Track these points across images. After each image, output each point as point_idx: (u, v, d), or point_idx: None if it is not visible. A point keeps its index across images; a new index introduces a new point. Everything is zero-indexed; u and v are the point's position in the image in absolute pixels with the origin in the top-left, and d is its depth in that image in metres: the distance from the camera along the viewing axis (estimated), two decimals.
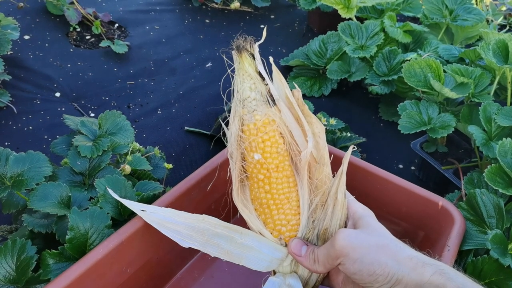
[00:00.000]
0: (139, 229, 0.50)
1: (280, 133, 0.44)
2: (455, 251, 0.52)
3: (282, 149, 0.44)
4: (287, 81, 0.51)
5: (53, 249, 0.49)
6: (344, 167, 0.43)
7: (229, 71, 0.43)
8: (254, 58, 0.42)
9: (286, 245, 0.46)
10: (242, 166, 0.45)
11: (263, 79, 0.43)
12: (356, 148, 0.44)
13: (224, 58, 0.42)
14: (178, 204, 0.56)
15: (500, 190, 0.59)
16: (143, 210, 0.48)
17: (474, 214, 0.60)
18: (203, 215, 0.46)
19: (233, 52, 0.42)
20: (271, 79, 0.44)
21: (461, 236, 0.55)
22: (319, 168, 0.44)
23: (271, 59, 0.45)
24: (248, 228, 0.46)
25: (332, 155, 0.46)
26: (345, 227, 0.44)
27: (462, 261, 0.58)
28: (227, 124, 0.99)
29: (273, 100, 0.43)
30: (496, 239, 0.54)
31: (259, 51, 0.43)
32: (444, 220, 0.57)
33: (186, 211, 0.57)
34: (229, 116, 0.45)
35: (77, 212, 0.50)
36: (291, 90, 0.44)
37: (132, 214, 0.56)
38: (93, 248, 0.48)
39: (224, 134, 0.98)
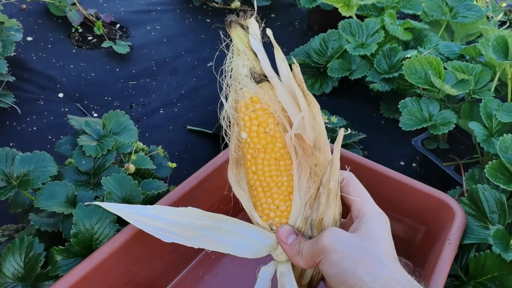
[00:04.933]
0: None
1: (271, 113, 0.41)
2: (456, 245, 0.53)
3: (272, 129, 0.41)
4: None
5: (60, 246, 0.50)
6: (336, 153, 0.39)
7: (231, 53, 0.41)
8: (248, 33, 0.40)
9: None
10: (236, 144, 0.43)
11: (256, 56, 0.40)
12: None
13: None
14: (181, 203, 0.56)
15: (501, 186, 0.60)
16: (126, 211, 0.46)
17: (476, 209, 0.60)
18: (188, 207, 0.45)
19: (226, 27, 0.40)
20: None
21: (462, 229, 0.55)
22: (315, 152, 0.41)
23: (268, 31, 0.41)
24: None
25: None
26: (351, 224, 0.41)
27: (464, 257, 0.59)
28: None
29: (265, 78, 0.40)
30: (498, 234, 0.55)
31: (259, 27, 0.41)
32: (445, 215, 0.57)
33: None
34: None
35: (82, 208, 0.51)
36: (290, 65, 0.41)
37: None
38: (99, 247, 0.48)
39: (227, 133, 0.98)
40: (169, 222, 0.44)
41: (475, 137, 0.71)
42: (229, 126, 0.43)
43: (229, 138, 0.43)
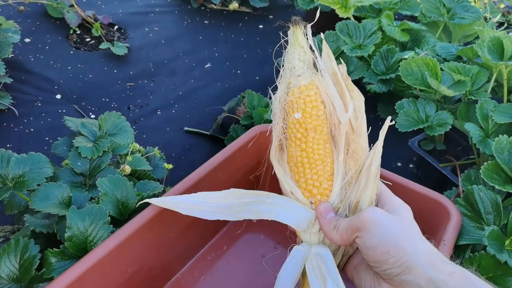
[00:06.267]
0: (138, 229, 0.51)
1: (322, 101, 0.46)
2: (451, 245, 0.53)
3: (322, 115, 0.46)
4: None
5: (55, 248, 0.50)
6: (380, 140, 0.45)
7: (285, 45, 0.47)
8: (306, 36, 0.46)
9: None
10: (283, 127, 0.47)
11: (313, 52, 0.46)
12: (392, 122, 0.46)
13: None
14: None
15: (497, 187, 0.60)
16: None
17: (472, 210, 0.60)
18: (231, 189, 0.48)
19: (289, 28, 0.46)
20: (320, 54, 0.48)
21: (457, 230, 0.55)
22: (356, 138, 0.46)
23: (322, 35, 0.51)
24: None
25: None
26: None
27: (460, 257, 0.59)
28: (227, 125, 0.98)
29: (320, 72, 0.46)
30: (493, 235, 0.55)
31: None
32: (440, 215, 0.57)
33: None
34: (226, 115, 0.45)
35: (75, 211, 0.51)
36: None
37: (132, 214, 0.57)
38: (94, 248, 0.48)
39: (225, 134, 0.98)
40: (215, 205, 0.47)
41: (471, 138, 0.71)
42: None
43: (276, 121, 0.48)
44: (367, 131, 0.47)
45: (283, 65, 0.47)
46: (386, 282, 0.39)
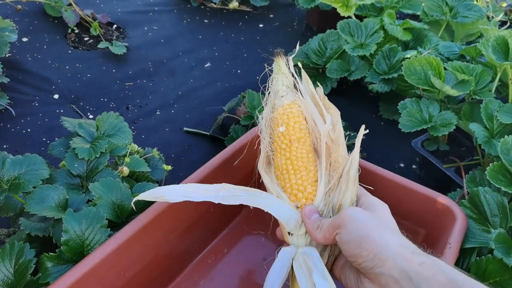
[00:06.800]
0: (136, 232, 0.50)
1: (305, 117, 0.52)
2: (457, 249, 0.52)
3: (304, 129, 0.52)
4: None
5: (51, 253, 0.49)
6: (357, 147, 0.49)
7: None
8: (287, 64, 0.54)
9: None
10: (269, 141, 0.53)
11: (295, 78, 0.54)
12: (367, 131, 0.50)
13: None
14: (176, 204, 0.55)
15: (503, 188, 0.59)
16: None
17: (477, 212, 0.59)
18: (222, 184, 0.49)
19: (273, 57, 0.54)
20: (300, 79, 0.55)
21: (462, 233, 0.54)
22: (335, 148, 0.51)
23: (299, 64, 0.58)
24: None
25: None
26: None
27: (466, 261, 0.58)
28: (227, 125, 0.98)
29: (300, 94, 0.53)
30: (500, 238, 0.54)
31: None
32: (445, 218, 0.56)
33: (186, 211, 0.57)
34: (226, 115, 0.45)
35: (71, 214, 0.49)
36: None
37: (130, 216, 0.55)
38: (91, 252, 0.47)
39: (225, 135, 0.97)
40: (205, 196, 0.48)
41: (476, 139, 0.70)
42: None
43: (263, 136, 0.53)
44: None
45: (268, 90, 0.54)
46: (366, 277, 0.40)
